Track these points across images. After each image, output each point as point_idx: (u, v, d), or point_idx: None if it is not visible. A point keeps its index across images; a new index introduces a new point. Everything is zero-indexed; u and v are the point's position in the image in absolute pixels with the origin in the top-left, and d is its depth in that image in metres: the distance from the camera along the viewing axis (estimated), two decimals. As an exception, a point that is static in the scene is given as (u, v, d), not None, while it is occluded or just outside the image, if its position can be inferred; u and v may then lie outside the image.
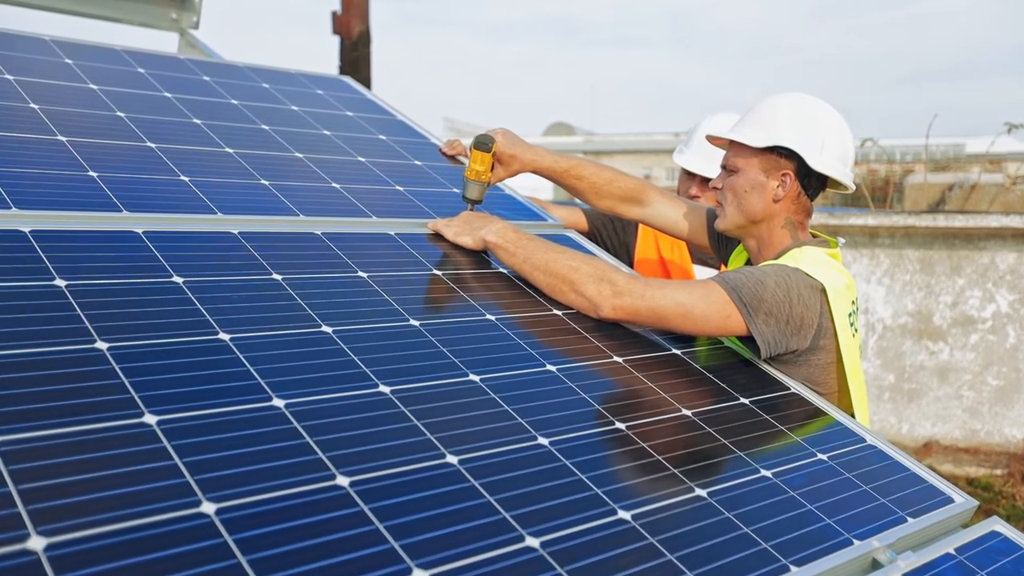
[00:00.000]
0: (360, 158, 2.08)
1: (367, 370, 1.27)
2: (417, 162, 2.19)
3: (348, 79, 2.66)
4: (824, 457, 1.46)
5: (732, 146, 1.87)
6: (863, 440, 1.56)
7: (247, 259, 1.47)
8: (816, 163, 1.77)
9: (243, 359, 1.20)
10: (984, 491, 4.97)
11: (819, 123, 1.80)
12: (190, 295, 1.31)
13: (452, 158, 2.30)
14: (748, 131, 1.82)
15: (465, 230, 1.80)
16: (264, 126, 2.06)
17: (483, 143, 1.89)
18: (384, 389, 1.24)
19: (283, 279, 1.44)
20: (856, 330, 1.80)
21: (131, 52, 2.21)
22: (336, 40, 6.84)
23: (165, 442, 1.00)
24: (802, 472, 1.39)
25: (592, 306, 1.65)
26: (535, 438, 1.25)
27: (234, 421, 1.07)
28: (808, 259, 1.76)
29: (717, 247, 2.10)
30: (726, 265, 2.10)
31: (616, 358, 1.56)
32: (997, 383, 5.53)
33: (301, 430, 1.10)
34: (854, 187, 1.85)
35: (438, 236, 1.82)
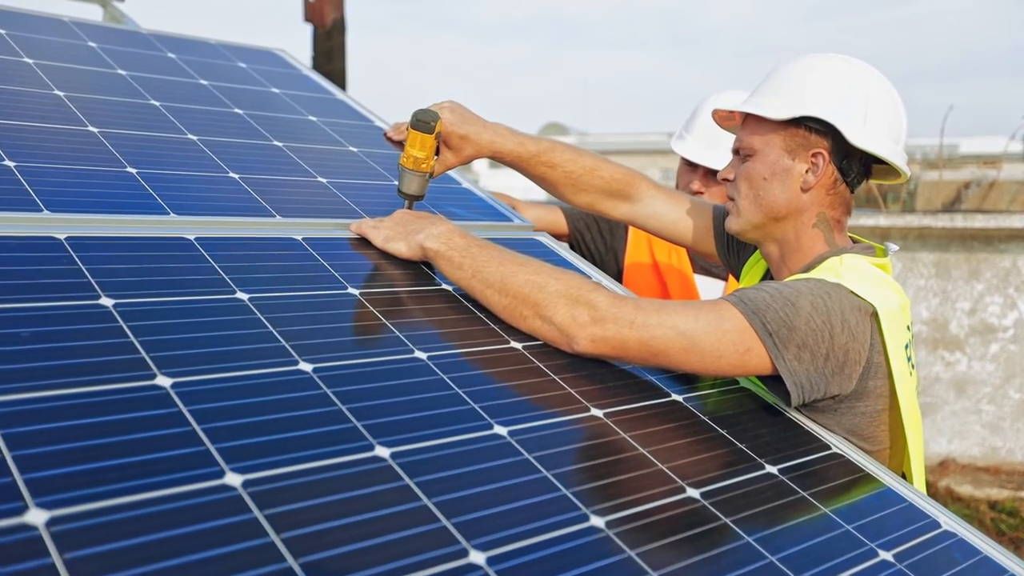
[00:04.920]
0: (277, 142, 1.64)
1: (212, 447, 0.84)
2: (353, 148, 1.75)
3: (282, 52, 2.22)
4: (888, 556, 1.03)
5: (746, 123, 1.44)
6: (938, 525, 1.12)
7: (69, 275, 1.03)
8: (858, 138, 1.34)
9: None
10: (1009, 517, 4.54)
11: (861, 88, 1.36)
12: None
13: (400, 144, 1.87)
14: (767, 100, 1.39)
15: (398, 234, 1.37)
16: (154, 102, 1.62)
17: (423, 122, 1.45)
18: (233, 480, 0.81)
19: (114, 304, 1.00)
20: (913, 366, 1.37)
21: (-8, 10, 1.77)
22: (308, 29, 6.39)
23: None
24: (862, 584, 0.96)
25: (563, 337, 1.22)
26: (465, 553, 0.82)
27: None
28: (852, 272, 1.32)
29: (727, 255, 1.66)
30: (738, 280, 1.66)
31: (595, 411, 1.13)
32: (1019, 396, 5.11)
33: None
34: (908, 172, 1.42)
35: (364, 242, 1.39)
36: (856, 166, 1.39)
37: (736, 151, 1.46)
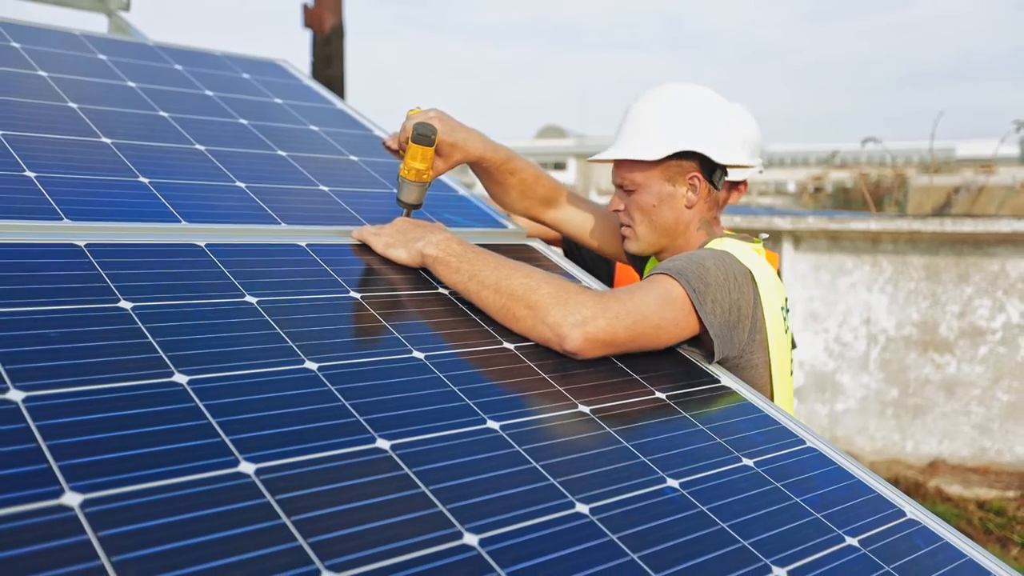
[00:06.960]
0: (280, 152, 1.72)
1: (226, 439, 0.91)
2: (353, 157, 1.83)
3: (284, 63, 2.30)
4: (854, 542, 1.10)
5: (623, 162, 1.63)
6: (903, 514, 1.20)
7: (90, 279, 1.11)
8: (721, 157, 1.57)
9: (34, 427, 0.84)
10: (997, 516, 4.62)
11: (708, 112, 1.58)
12: (-14, 333, 0.94)
13: (397, 152, 1.94)
14: (636, 143, 1.59)
15: (398, 241, 1.44)
16: (163, 113, 1.70)
17: (426, 135, 1.52)
18: (247, 468, 0.88)
19: (133, 308, 1.08)
20: (788, 328, 1.58)
21: (7, 23, 1.84)
22: (308, 35, 6.47)
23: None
24: (829, 566, 1.03)
25: (555, 337, 1.30)
26: (460, 536, 0.89)
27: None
28: (733, 249, 1.54)
29: (631, 258, 1.88)
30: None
31: (582, 407, 1.20)
32: (1008, 398, 5.19)
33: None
34: (762, 167, 1.72)
35: (365, 248, 1.47)
36: (720, 173, 1.62)
37: (620, 186, 1.64)
